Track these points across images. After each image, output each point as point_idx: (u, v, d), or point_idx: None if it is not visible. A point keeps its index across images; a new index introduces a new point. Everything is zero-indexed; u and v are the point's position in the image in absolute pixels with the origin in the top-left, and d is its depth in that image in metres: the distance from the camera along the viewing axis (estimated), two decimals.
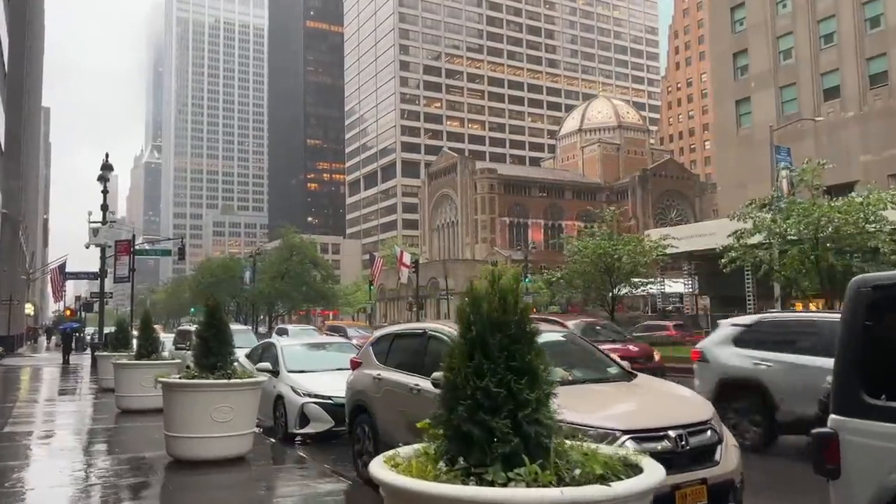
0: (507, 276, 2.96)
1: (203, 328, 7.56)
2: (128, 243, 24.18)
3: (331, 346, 11.22)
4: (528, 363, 2.69)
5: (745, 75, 44.04)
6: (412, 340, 6.68)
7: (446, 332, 5.98)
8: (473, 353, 2.71)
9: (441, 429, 2.73)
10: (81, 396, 15.97)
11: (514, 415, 2.59)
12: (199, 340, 7.56)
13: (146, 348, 12.10)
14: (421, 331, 6.47)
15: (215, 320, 7.57)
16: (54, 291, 51.57)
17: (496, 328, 2.71)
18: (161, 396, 11.97)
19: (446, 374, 2.77)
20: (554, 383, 2.74)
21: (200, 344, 7.52)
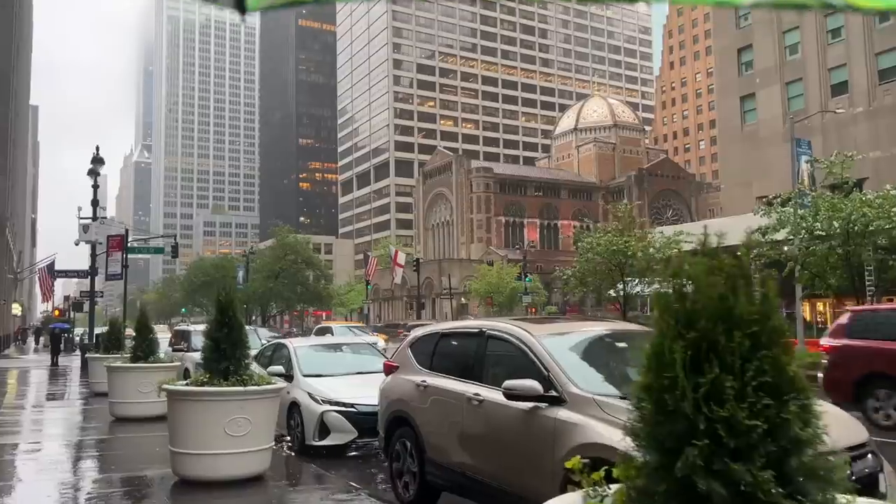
0: (732, 255, 1.96)
1: (214, 328, 6.56)
2: (120, 238, 23.03)
3: (349, 348, 10.21)
4: (792, 379, 1.71)
5: (750, 71, 43.31)
6: (464, 341, 5.70)
7: (511, 331, 5.03)
8: (699, 363, 1.72)
9: (647, 480, 1.73)
10: (71, 402, 14.89)
11: (780, 461, 1.61)
12: (209, 342, 6.56)
13: (143, 350, 11.07)
14: (476, 330, 5.48)
15: (228, 318, 6.57)
16: (43, 291, 50.26)
17: (734, 324, 1.73)
18: (160, 403, 11.00)
19: (644, 394, 1.78)
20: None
21: (211, 346, 6.52)
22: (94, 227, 25.41)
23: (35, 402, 15.24)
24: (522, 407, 4.42)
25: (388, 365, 6.62)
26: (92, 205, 26.20)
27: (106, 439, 9.67)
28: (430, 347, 6.00)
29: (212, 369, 6.48)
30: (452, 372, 5.52)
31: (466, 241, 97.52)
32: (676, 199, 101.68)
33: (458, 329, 6.14)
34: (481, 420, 4.84)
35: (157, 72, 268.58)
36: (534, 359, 4.60)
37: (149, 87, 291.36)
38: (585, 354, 4.87)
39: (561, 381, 4.29)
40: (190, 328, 15.75)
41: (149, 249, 29.40)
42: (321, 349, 9.93)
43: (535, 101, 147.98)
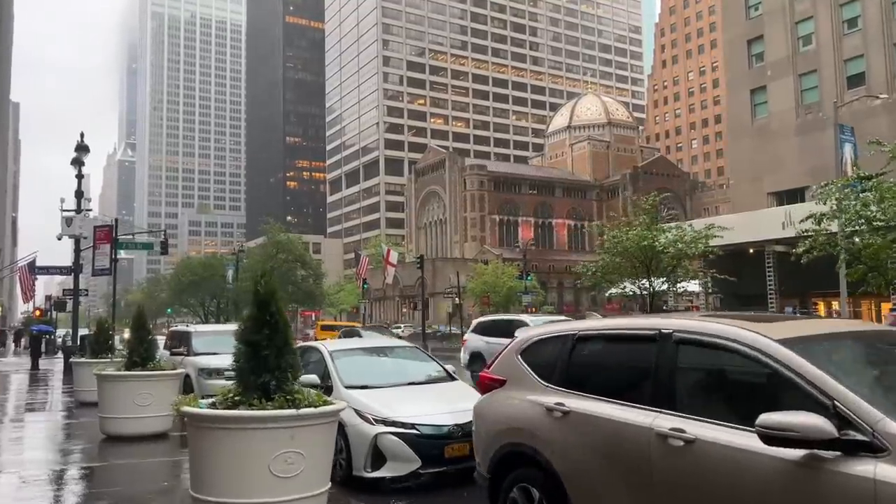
0: None
1: (251, 328, 4.83)
2: (108, 230, 21.11)
3: (393, 352, 8.47)
4: None
5: (761, 63, 41.98)
6: (628, 349, 3.96)
7: (730, 335, 3.33)
8: None
9: None
10: (53, 413, 13.03)
11: None
12: (244, 347, 4.83)
13: (140, 355, 9.28)
14: (653, 332, 3.77)
15: (270, 316, 4.84)
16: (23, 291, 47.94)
17: None
18: (161, 418, 9.22)
19: None
20: None
21: (248, 352, 4.80)
22: (79, 220, 23.49)
23: (12, 415, 13.30)
24: (786, 456, 2.76)
25: (488, 378, 4.89)
26: (76, 196, 24.28)
27: (96, 468, 7.86)
28: (560, 356, 4.28)
29: (248, 384, 4.75)
30: (608, 392, 3.82)
31: (460, 240, 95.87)
32: (671, 197, 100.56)
33: (610, 330, 4.33)
34: (690, 471, 3.14)
35: (141, 69, 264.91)
36: (796, 380, 2.92)
37: (133, 85, 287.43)
38: (871, 371, 3.23)
39: (867, 416, 2.64)
40: (190, 328, 13.89)
41: (137, 245, 27.49)
42: (362, 354, 8.17)
43: (526, 99, 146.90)
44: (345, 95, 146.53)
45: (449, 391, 7.40)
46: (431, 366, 8.01)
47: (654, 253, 20.96)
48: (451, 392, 7.38)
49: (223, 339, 13.47)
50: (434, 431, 6.43)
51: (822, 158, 38.62)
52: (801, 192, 39.55)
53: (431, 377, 7.72)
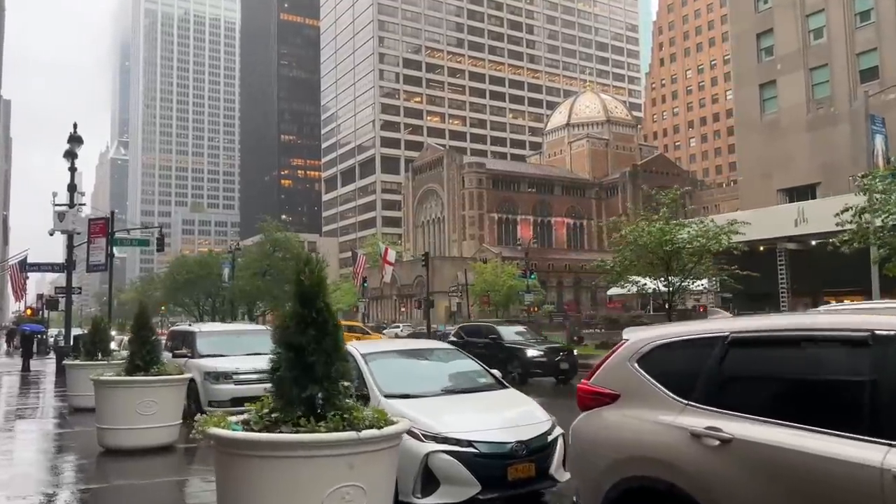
0: None
1: (293, 329, 3.86)
2: (104, 223, 20.01)
3: (435, 355, 7.43)
4: None
5: (770, 57, 41.15)
6: (821, 355, 2.87)
7: None
8: None
9: None
10: (45, 421, 11.97)
11: None
12: (286, 351, 3.86)
13: (143, 357, 8.27)
14: (860, 332, 2.70)
15: (317, 314, 3.88)
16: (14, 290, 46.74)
17: None
18: (166, 429, 8.22)
19: None
20: None
21: (291, 359, 3.83)
22: (72, 214, 22.39)
23: (1, 424, 12.26)
24: None
25: (590, 391, 3.90)
26: (69, 190, 23.19)
27: (95, 491, 6.83)
28: (704, 365, 3.28)
29: (290, 397, 3.77)
30: (792, 415, 2.84)
31: (458, 239, 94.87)
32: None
33: (785, 331, 3.25)
34: None
35: (134, 67, 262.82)
36: None
37: (126, 83, 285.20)
38: None
39: None
40: (194, 328, 12.80)
41: (132, 242, 26.41)
42: (398, 357, 7.14)
43: (523, 97, 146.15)
44: (340, 93, 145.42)
45: (503, 401, 6.43)
46: (477, 371, 7.03)
47: (675, 249, 20.07)
48: (505, 402, 6.42)
49: (230, 339, 12.48)
50: (495, 450, 5.46)
51: (834, 154, 37.94)
52: (812, 189, 38.79)
53: (479, 384, 6.74)
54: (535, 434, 5.69)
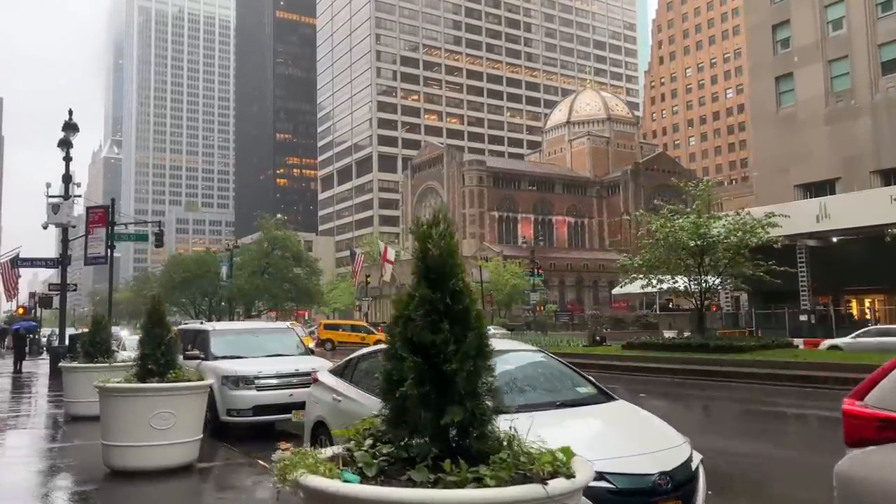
0: None
1: (423, 322, 2.56)
2: (104, 212, 18.60)
3: (520, 358, 6.05)
4: None
5: (787, 49, 40.03)
6: None
7: None
8: None
9: None
10: (38, 432, 10.60)
11: None
12: (410, 355, 2.56)
13: (157, 360, 6.96)
14: None
15: (452, 300, 2.59)
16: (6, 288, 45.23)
17: None
18: (183, 446, 6.92)
19: None
20: None
21: (420, 368, 2.53)
22: (66, 206, 21.00)
23: None
24: None
25: (872, 417, 2.59)
26: (63, 181, 21.79)
27: None
28: None
29: (420, 426, 2.48)
30: None
31: (459, 237, 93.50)
32: (672, 195, 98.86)
33: None
34: None
35: (127, 65, 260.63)
36: None
37: (119, 81, 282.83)
38: None
39: None
40: (207, 326, 11.43)
41: (130, 236, 25.00)
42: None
43: (521, 96, 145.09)
44: (336, 91, 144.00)
45: (623, 417, 5.12)
46: (573, 377, 5.73)
47: (710, 243, 18.82)
48: (626, 419, 5.11)
49: (247, 339, 11.17)
50: (634, 484, 4.16)
51: (854, 148, 36.82)
52: (831, 184, 37.69)
53: (583, 395, 5.42)
54: (678, 462, 4.41)
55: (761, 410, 13.20)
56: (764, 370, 15.69)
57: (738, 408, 13.65)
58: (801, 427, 11.97)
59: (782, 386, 14.88)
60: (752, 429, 11.11)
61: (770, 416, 12.71)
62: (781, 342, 20.11)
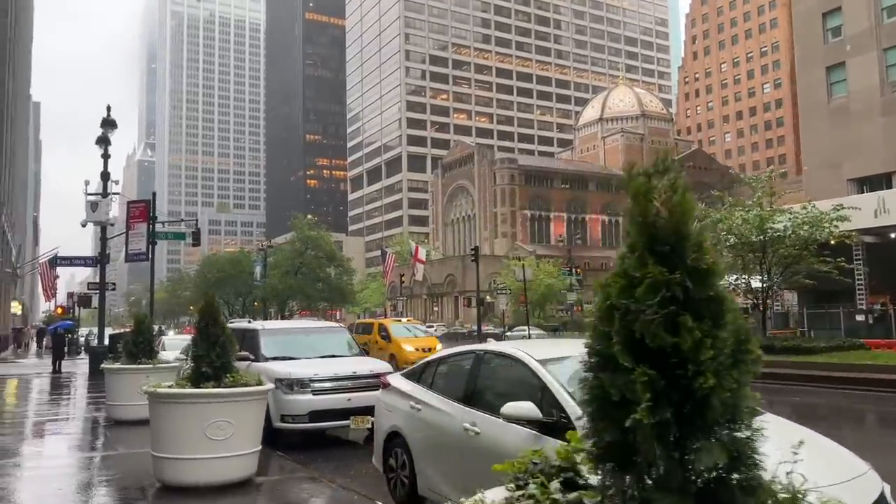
0: None
1: (659, 318, 1.72)
2: (145, 206, 18.13)
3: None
4: None
5: (839, 37, 38.33)
6: None
7: None
8: None
9: None
10: (80, 438, 10.00)
11: None
12: (632, 364, 1.71)
13: (212, 363, 6.24)
14: None
15: (692, 282, 1.73)
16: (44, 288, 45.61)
17: None
18: (242, 459, 6.19)
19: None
20: None
21: (653, 385, 1.69)
22: (105, 204, 20.62)
23: (23, 442, 10.23)
24: None
25: None
26: (102, 179, 21.46)
27: None
28: None
29: (666, 475, 1.64)
30: None
31: (490, 236, 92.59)
32: (709, 192, 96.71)
33: None
34: None
35: (160, 69, 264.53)
36: None
37: (152, 85, 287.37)
38: None
39: None
40: (255, 325, 10.66)
41: (168, 235, 24.60)
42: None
43: (551, 94, 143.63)
44: (366, 92, 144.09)
45: (788, 436, 4.24)
46: None
47: (775, 237, 17.68)
48: (792, 438, 4.22)
49: (298, 339, 10.46)
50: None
51: None
52: (887, 178, 35.98)
53: None
54: (874, 494, 3.52)
55: (886, 419, 12.09)
56: (848, 374, 14.52)
57: (851, 416, 12.55)
58: None
59: (877, 391, 13.69)
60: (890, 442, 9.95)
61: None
62: (854, 343, 18.87)
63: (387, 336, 22.20)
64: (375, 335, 22.82)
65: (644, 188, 1.85)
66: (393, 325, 23.57)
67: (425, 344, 20.42)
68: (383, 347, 21.26)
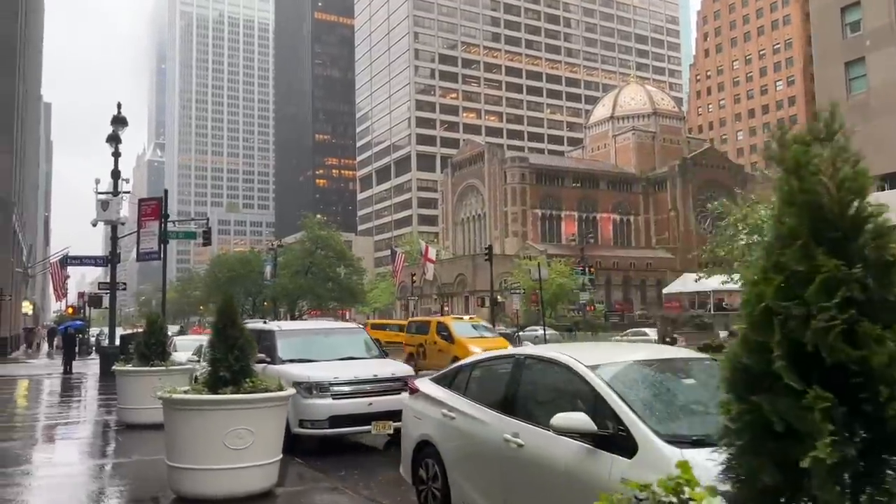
0: None
1: (838, 326, 1.29)
2: (157, 204, 17.82)
3: (691, 367, 4.79)
4: None
5: (858, 32, 37.69)
6: None
7: None
8: None
9: None
10: (92, 443, 9.67)
11: None
12: (817, 400, 1.30)
13: (230, 366, 5.87)
14: None
15: (883, 288, 1.30)
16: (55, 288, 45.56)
17: None
18: (264, 468, 5.79)
19: None
20: None
21: (834, 418, 1.28)
22: (115, 203, 20.35)
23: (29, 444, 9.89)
24: None
25: None
26: (112, 177, 21.18)
27: None
28: None
29: None
30: None
31: (500, 236, 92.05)
32: (722, 191, 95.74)
33: None
34: None
35: (170, 69, 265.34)
36: None
37: (162, 86, 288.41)
38: None
39: None
40: (272, 326, 10.26)
41: (178, 234, 24.31)
42: (655, 372, 4.52)
43: (561, 92, 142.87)
44: (375, 91, 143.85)
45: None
46: None
47: None
48: None
49: (316, 340, 10.07)
50: None
51: None
52: None
53: None
54: None
55: None
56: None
57: None
58: None
59: None
60: None
61: None
62: None
63: (448, 336, 19.69)
64: (433, 335, 20.55)
65: (805, 158, 1.45)
66: (455, 324, 20.99)
67: (495, 346, 17.14)
68: (444, 349, 19.05)
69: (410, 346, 21.65)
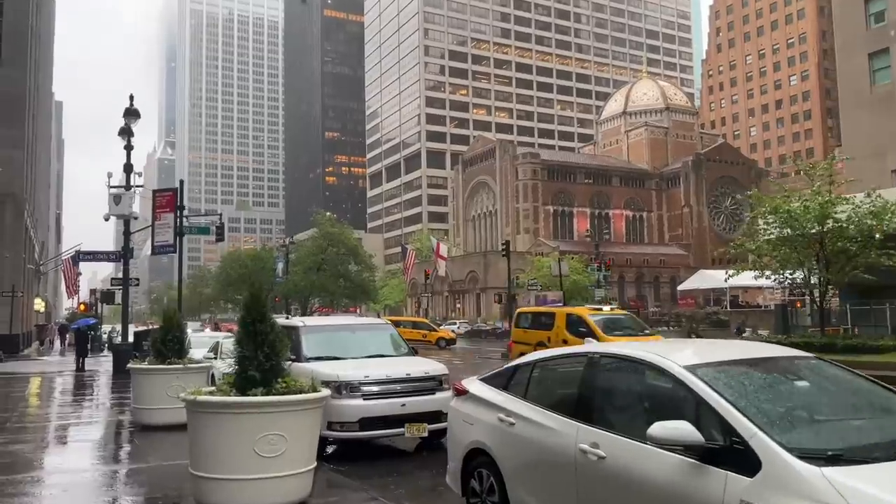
0: None
1: None
2: (172, 195, 17.29)
3: (797, 367, 4.18)
4: None
5: (882, 22, 36.78)
6: None
7: None
8: None
9: None
10: (107, 447, 9.13)
11: None
12: None
13: (260, 365, 5.30)
14: None
15: None
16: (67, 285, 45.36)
17: None
18: (297, 478, 5.19)
19: None
20: None
21: None
22: (128, 197, 19.88)
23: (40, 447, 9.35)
24: None
25: None
26: (125, 171, 20.74)
27: None
28: None
29: None
30: None
31: (512, 232, 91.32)
32: (735, 186, 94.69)
33: None
34: None
35: (179, 68, 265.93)
36: None
37: (171, 84, 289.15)
38: None
39: None
40: (296, 321, 9.58)
41: (191, 230, 23.83)
42: (754, 372, 3.92)
43: (571, 88, 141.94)
44: (384, 88, 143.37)
45: None
46: (887, 395, 3.83)
47: (834, 229, 16.47)
48: None
49: (343, 336, 9.50)
50: None
51: None
52: None
53: None
54: None
55: None
56: None
57: None
58: None
59: None
60: None
61: None
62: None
63: (588, 332, 15.43)
64: (562, 330, 16.56)
65: None
66: (593, 317, 16.52)
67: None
68: None
69: (524, 345, 17.18)
